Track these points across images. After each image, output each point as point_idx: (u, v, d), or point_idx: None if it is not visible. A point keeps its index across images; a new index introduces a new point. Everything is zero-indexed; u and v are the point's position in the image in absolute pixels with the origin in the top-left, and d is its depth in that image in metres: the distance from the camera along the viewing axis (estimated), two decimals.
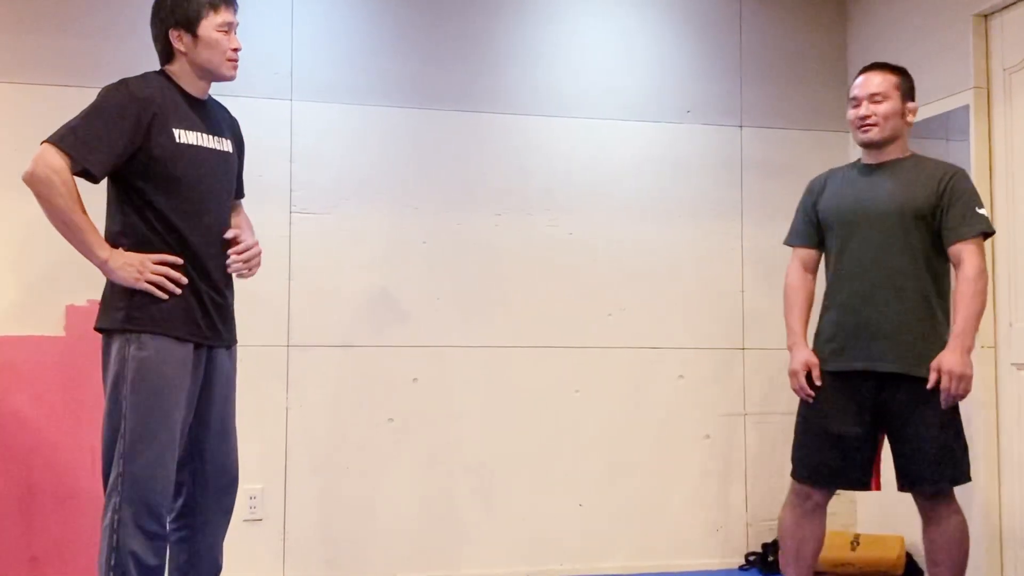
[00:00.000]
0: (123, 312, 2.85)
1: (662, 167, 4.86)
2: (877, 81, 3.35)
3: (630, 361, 4.76)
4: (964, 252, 3.22)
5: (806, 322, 3.46)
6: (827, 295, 3.42)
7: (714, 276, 4.87)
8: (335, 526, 4.40)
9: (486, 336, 4.60)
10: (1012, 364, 4.06)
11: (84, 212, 2.81)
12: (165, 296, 2.84)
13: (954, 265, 3.27)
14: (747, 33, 5.00)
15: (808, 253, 3.49)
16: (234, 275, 3.06)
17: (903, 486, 3.29)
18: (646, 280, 4.79)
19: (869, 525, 4.73)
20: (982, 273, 3.21)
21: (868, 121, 3.32)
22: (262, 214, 3.35)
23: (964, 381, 3.15)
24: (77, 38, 4.27)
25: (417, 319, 4.54)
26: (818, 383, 3.33)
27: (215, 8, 2.94)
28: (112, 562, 2.79)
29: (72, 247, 2.86)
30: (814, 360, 3.35)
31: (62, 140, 2.79)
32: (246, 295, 3.36)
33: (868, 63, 3.50)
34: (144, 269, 2.83)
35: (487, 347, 4.60)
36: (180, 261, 2.88)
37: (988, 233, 3.29)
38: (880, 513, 4.64)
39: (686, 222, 4.86)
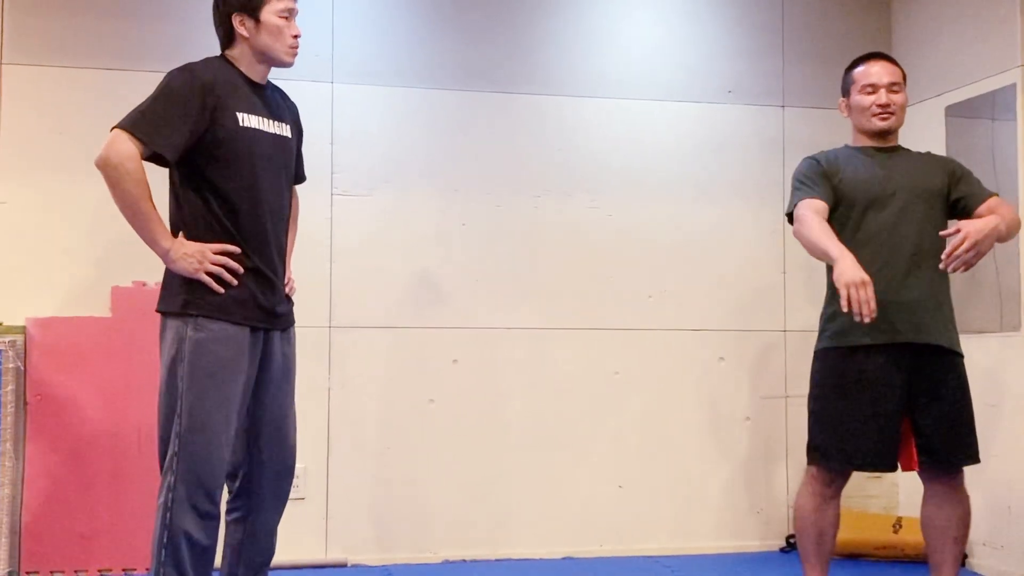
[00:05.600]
0: (183, 297, 2.89)
1: (703, 148, 4.83)
2: (893, 71, 3.41)
3: (670, 343, 4.74)
4: (993, 201, 3.32)
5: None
6: None
7: (756, 257, 4.85)
8: (377, 505, 4.43)
9: (526, 318, 4.60)
10: None
11: (151, 200, 2.84)
12: (222, 290, 2.87)
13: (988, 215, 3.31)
14: (789, 11, 4.95)
15: (823, 206, 3.27)
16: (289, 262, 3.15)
17: (928, 465, 3.25)
18: (687, 262, 4.77)
19: (911, 508, 4.70)
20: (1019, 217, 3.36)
21: (889, 110, 3.37)
22: (303, 196, 3.37)
23: (976, 249, 3.05)
24: (125, 20, 4.31)
25: (457, 300, 4.56)
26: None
27: None
28: (164, 540, 2.84)
29: (125, 232, 2.90)
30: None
31: (134, 125, 2.82)
32: None
33: (875, 50, 3.61)
34: (204, 260, 2.86)
35: (527, 329, 4.61)
36: (238, 250, 2.91)
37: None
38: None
39: (727, 203, 4.83)
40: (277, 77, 3.16)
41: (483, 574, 4.30)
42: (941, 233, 3.23)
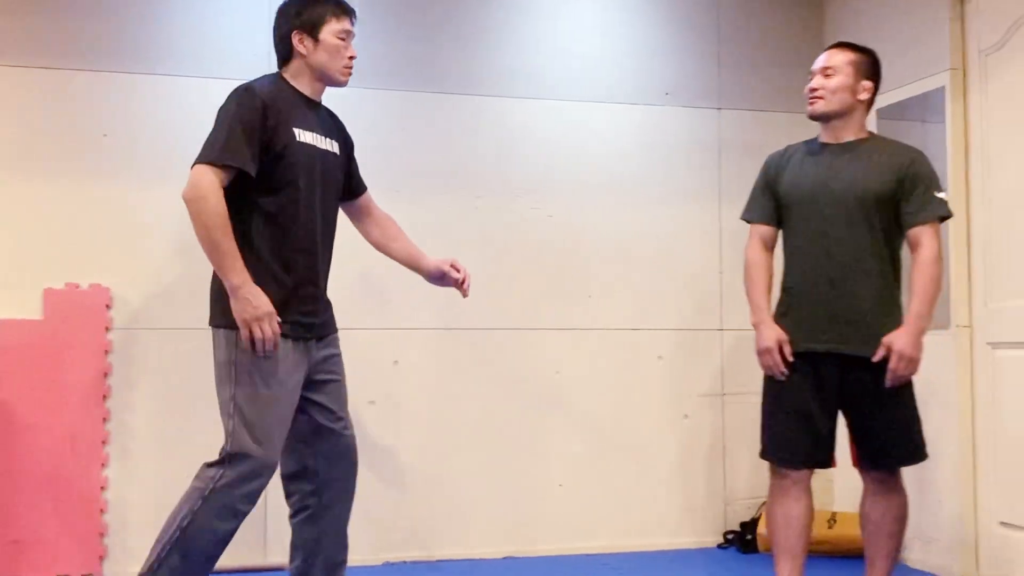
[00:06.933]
0: (231, 315, 2.94)
1: (641, 149, 4.87)
2: (830, 55, 3.37)
3: (610, 342, 4.78)
4: (923, 236, 3.25)
5: (769, 299, 3.44)
6: (788, 274, 3.39)
7: (693, 257, 4.90)
8: None
9: (466, 318, 4.60)
10: (987, 344, 4.11)
11: (231, 233, 2.88)
12: (259, 352, 2.91)
13: (911, 247, 3.29)
14: (724, 15, 5.01)
15: (768, 230, 3.45)
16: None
17: (864, 464, 3.34)
18: (626, 262, 4.81)
19: (846, 503, 4.78)
20: (938, 258, 3.26)
21: (815, 94, 3.33)
22: None
23: (913, 364, 3.21)
24: (72, 19, 4.24)
25: (397, 301, 4.54)
26: (790, 359, 3.30)
27: (337, 16, 3.13)
28: (184, 523, 2.89)
29: (57, 233, 2.85)
30: (784, 336, 3.31)
31: (215, 156, 2.89)
32: None
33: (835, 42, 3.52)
34: (264, 320, 2.90)
35: (467, 329, 4.61)
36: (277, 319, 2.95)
37: (945, 217, 3.32)
38: (857, 492, 4.69)
39: (665, 204, 4.88)
40: (225, 77, 3.14)
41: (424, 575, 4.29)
42: (873, 359, 3.21)
